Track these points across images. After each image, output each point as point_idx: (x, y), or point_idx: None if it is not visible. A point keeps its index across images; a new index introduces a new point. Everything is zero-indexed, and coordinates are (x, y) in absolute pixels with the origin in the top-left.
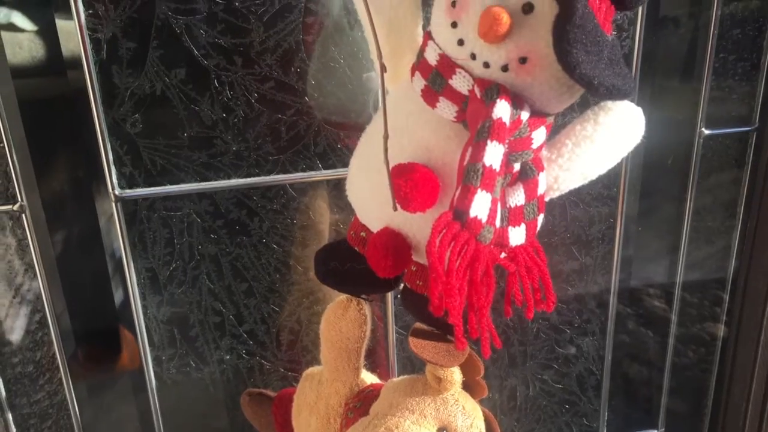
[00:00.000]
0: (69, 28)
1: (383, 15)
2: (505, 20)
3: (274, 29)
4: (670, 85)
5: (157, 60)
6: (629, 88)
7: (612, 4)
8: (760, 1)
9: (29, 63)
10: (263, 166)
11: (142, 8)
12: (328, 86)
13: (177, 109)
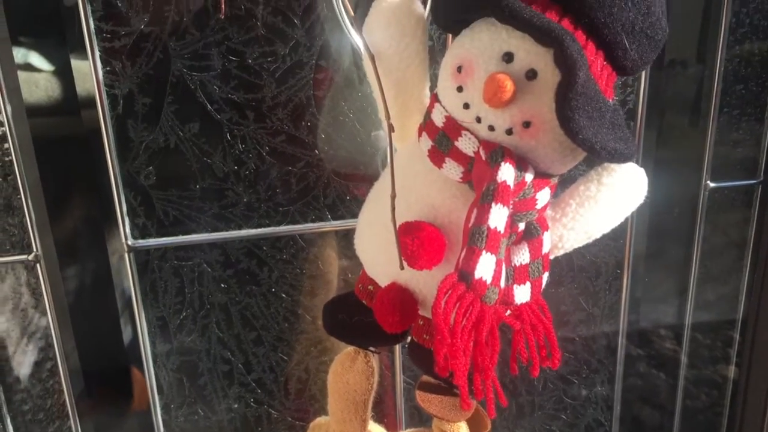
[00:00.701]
0: (84, 68)
1: (392, 77)
2: (509, 87)
3: (286, 85)
4: (675, 136)
5: (172, 114)
6: (631, 153)
7: (613, 71)
8: (763, 57)
9: (45, 102)
10: (273, 217)
11: (158, 65)
12: (337, 140)
13: (190, 162)
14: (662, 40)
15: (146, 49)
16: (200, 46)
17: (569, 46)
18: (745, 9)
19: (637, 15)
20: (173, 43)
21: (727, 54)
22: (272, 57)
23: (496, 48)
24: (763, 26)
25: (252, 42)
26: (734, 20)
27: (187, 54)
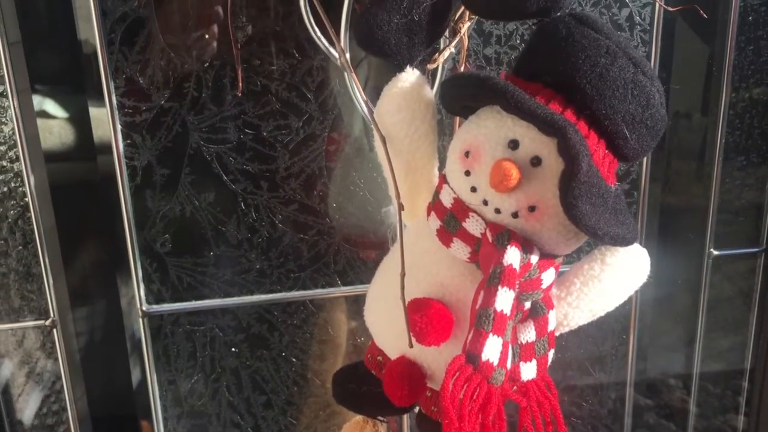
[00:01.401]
0: (100, 115)
1: (402, 157)
2: (515, 176)
3: (299, 156)
4: (678, 205)
5: (188, 185)
6: (633, 236)
7: (615, 158)
8: (763, 130)
9: (59, 148)
10: (285, 283)
11: (176, 138)
12: (348, 208)
13: (205, 230)
14: (662, 130)
15: (166, 123)
16: (218, 120)
17: (572, 137)
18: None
19: (636, 107)
20: (192, 117)
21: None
22: (286, 130)
23: (502, 135)
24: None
25: (267, 116)
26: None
27: (204, 127)
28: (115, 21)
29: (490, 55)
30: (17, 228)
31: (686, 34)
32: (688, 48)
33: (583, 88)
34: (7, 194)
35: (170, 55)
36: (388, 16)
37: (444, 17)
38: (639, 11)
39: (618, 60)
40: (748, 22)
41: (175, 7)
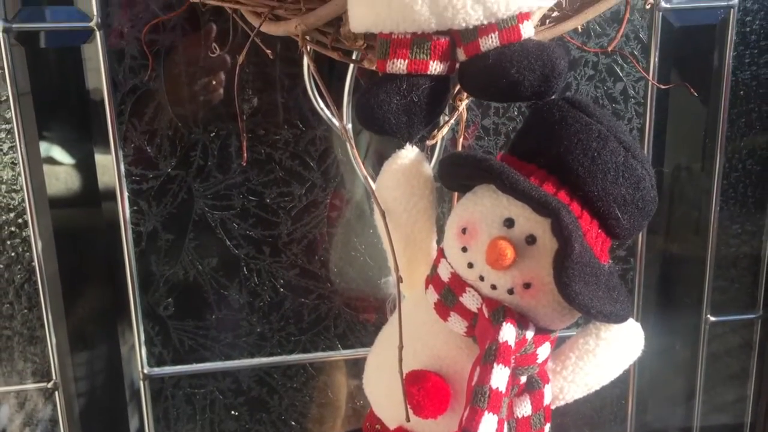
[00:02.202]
0: (105, 161)
1: (401, 231)
2: (510, 255)
3: (301, 222)
4: (675, 271)
5: (192, 250)
6: (626, 313)
7: (607, 237)
8: (758, 199)
9: (64, 194)
10: (285, 346)
11: (181, 204)
12: (349, 273)
13: (207, 294)
14: (652, 210)
15: (172, 190)
16: (223, 187)
17: (565, 218)
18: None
19: (627, 189)
20: (198, 184)
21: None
22: (289, 197)
23: (498, 214)
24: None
25: (271, 183)
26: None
27: (210, 194)
28: (125, 93)
29: (488, 126)
30: (23, 291)
31: (680, 105)
32: (682, 119)
33: (576, 170)
34: (14, 259)
35: (178, 125)
36: (388, 97)
37: (442, 98)
38: (633, 85)
39: (609, 144)
40: (739, 96)
41: (184, 80)
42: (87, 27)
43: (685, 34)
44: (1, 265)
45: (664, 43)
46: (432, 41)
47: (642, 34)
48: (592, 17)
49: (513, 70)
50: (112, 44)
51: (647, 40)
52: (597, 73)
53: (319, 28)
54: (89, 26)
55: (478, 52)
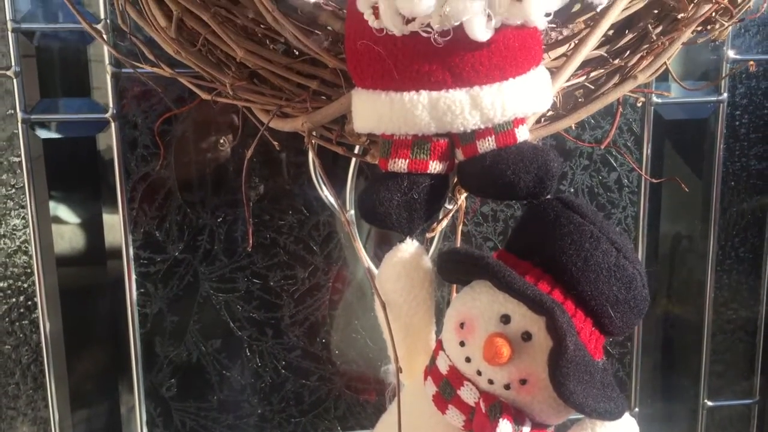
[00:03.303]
0: (111, 221)
1: (400, 322)
2: (506, 353)
3: (304, 305)
4: (672, 358)
5: (196, 331)
6: (620, 411)
7: (601, 334)
8: (751, 287)
9: (68, 253)
10: (285, 427)
11: (187, 287)
12: (350, 354)
13: (210, 375)
14: (644, 309)
15: (178, 273)
16: (228, 270)
17: (559, 317)
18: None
19: (620, 289)
20: (203, 268)
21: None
22: (292, 280)
23: (495, 310)
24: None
25: (275, 266)
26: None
27: (215, 277)
28: (137, 180)
29: (486, 212)
30: (29, 372)
31: (673, 194)
32: (675, 208)
33: (570, 270)
34: (22, 340)
35: (186, 210)
36: (390, 194)
37: (442, 195)
38: (627, 174)
39: (601, 244)
40: (730, 186)
41: (194, 169)
42: (102, 118)
43: (677, 127)
44: (9, 346)
45: (657, 136)
46: (432, 142)
47: (635, 126)
48: (585, 117)
49: (509, 172)
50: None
51: (640, 133)
52: (592, 163)
53: (324, 125)
54: (105, 117)
55: (476, 154)
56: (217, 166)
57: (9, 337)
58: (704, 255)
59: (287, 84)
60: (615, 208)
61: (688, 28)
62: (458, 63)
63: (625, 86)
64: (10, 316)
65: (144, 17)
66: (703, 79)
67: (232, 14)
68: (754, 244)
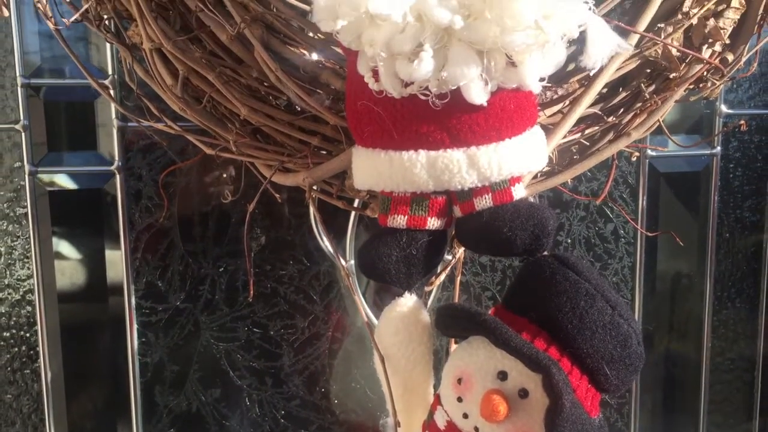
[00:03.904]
0: (113, 257)
1: (399, 376)
2: (503, 411)
3: (303, 354)
4: (671, 401)
5: (196, 381)
6: None
7: (597, 391)
8: (748, 338)
9: (68, 288)
10: None
11: (188, 336)
12: (349, 404)
13: (209, 425)
14: (639, 366)
15: (179, 323)
16: (228, 320)
17: (555, 375)
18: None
19: (615, 346)
20: (204, 317)
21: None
22: (293, 329)
23: (492, 366)
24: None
25: (275, 316)
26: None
27: (215, 326)
28: (140, 231)
29: (485, 263)
30: (30, 422)
31: (668, 244)
32: (670, 259)
33: (566, 327)
34: (23, 389)
35: (189, 260)
36: (389, 250)
37: (440, 251)
38: (623, 225)
39: (596, 302)
40: (725, 238)
41: (197, 220)
42: (108, 170)
43: (672, 179)
44: (10, 395)
45: (652, 188)
46: (430, 199)
47: (630, 178)
48: (580, 172)
49: (505, 229)
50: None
51: (635, 185)
52: (588, 215)
53: (325, 179)
54: (110, 170)
55: (473, 211)
56: (219, 217)
57: (10, 387)
58: (701, 304)
59: (289, 140)
60: (612, 258)
61: (680, 87)
62: (456, 124)
63: (620, 143)
64: (12, 366)
65: (150, 75)
66: (696, 130)
67: (236, 73)
68: (750, 295)
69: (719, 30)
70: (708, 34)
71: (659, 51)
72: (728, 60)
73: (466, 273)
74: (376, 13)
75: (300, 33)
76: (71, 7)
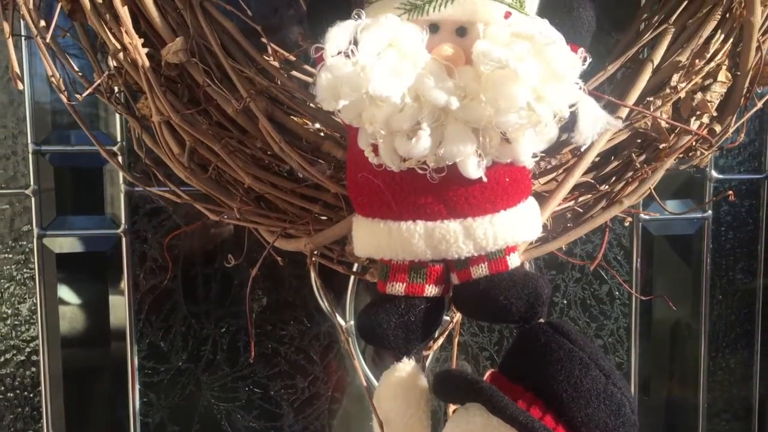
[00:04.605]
0: (116, 302)
1: None
2: None
3: (303, 414)
4: None
5: None
6: None
7: None
8: (743, 400)
9: (68, 333)
10: None
11: (189, 397)
12: None
13: None
14: None
15: (181, 383)
16: (229, 380)
17: None
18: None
19: (609, 415)
20: (205, 377)
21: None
22: (293, 389)
23: None
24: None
25: (275, 376)
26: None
27: (216, 387)
28: (144, 292)
29: (483, 324)
30: None
31: (663, 306)
32: (665, 320)
33: (561, 396)
34: None
35: (191, 321)
36: (388, 316)
37: (437, 317)
38: (618, 287)
39: (591, 371)
40: (717, 299)
41: (200, 281)
42: (114, 234)
43: (665, 242)
44: None
45: (645, 250)
46: (428, 267)
47: (624, 241)
48: (575, 239)
49: (501, 297)
50: None
51: (629, 247)
52: (584, 276)
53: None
54: (117, 233)
55: (470, 279)
56: (222, 279)
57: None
58: (696, 365)
59: (291, 207)
60: (607, 319)
61: (670, 157)
62: (452, 196)
63: (612, 210)
64: (15, 426)
65: (158, 143)
66: (687, 192)
67: (241, 143)
68: (743, 356)
69: (706, 103)
70: (696, 106)
71: (649, 123)
72: (716, 131)
73: (464, 333)
74: (377, 94)
75: (302, 104)
76: (84, 80)
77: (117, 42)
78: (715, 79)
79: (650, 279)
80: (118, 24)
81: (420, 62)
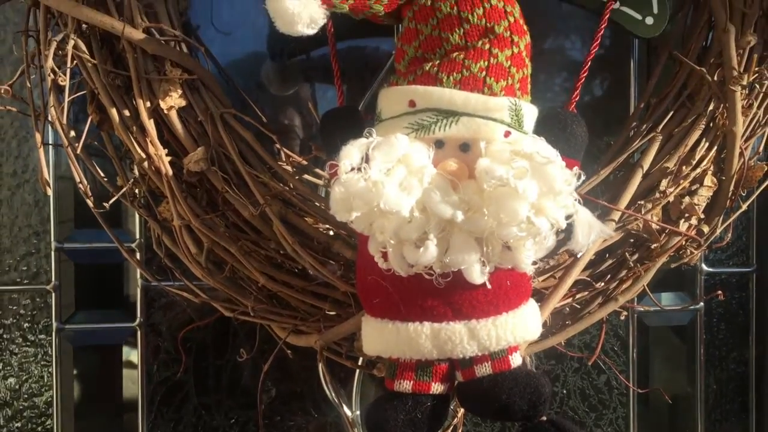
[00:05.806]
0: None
1: None
2: None
3: None
4: None
5: None
6: None
7: None
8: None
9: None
10: None
11: None
12: None
13: None
14: None
15: None
16: None
17: None
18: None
19: None
20: None
21: None
22: None
23: None
24: None
25: None
26: None
27: None
28: (157, 384)
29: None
30: None
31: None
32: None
33: None
34: None
35: (202, 412)
36: (395, 413)
37: (443, 414)
38: (615, 377)
39: None
40: (712, 388)
41: (212, 374)
42: (130, 327)
43: (660, 333)
44: None
45: (641, 341)
46: (434, 366)
47: (621, 331)
48: (573, 334)
49: (504, 396)
50: None
51: (625, 338)
52: (582, 366)
53: None
54: (132, 326)
55: (474, 377)
56: (233, 372)
57: None
58: None
59: (302, 304)
60: (606, 409)
61: (661, 257)
62: (457, 300)
63: (608, 307)
64: None
65: (176, 243)
66: (679, 285)
67: (256, 245)
68: None
69: (694, 206)
70: (684, 209)
71: (640, 225)
72: (704, 231)
73: (467, 423)
74: (387, 209)
75: (314, 206)
76: (108, 184)
77: (142, 151)
78: (701, 184)
79: (646, 368)
80: (143, 135)
81: (427, 177)
